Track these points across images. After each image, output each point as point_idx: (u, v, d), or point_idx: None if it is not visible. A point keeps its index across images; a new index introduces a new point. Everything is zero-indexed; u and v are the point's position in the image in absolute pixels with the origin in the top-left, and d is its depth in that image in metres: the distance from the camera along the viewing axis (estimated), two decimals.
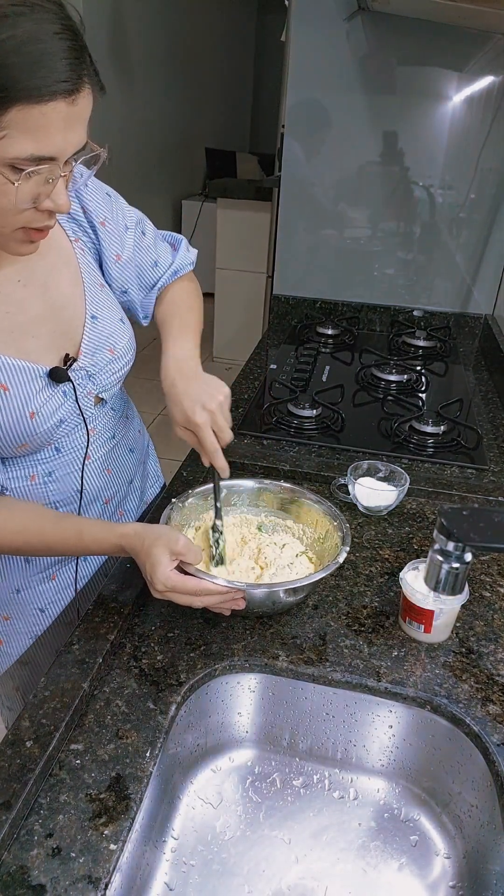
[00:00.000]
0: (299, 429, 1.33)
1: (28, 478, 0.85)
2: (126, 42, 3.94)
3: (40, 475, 0.86)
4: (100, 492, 0.94)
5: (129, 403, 1.06)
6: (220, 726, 0.83)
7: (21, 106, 0.56)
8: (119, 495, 0.99)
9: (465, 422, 1.38)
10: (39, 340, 0.80)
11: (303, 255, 2.05)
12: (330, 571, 0.80)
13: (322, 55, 1.76)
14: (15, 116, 0.57)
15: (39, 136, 0.59)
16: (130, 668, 0.78)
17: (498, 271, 1.95)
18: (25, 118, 0.57)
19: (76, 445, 0.88)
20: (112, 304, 0.91)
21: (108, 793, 0.64)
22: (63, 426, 0.84)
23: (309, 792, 0.80)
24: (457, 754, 0.75)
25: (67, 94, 0.58)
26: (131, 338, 0.93)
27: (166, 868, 0.72)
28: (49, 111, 0.58)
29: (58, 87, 0.57)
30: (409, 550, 1.01)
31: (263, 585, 0.81)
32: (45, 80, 0.57)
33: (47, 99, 0.57)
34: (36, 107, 0.57)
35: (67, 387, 0.83)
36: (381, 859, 0.74)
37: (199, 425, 0.82)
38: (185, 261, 1.03)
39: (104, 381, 0.88)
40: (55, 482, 0.87)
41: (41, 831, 0.61)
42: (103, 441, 0.92)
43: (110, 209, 0.90)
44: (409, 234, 1.97)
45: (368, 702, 0.79)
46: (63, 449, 0.86)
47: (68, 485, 0.89)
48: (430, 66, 1.73)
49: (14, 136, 0.58)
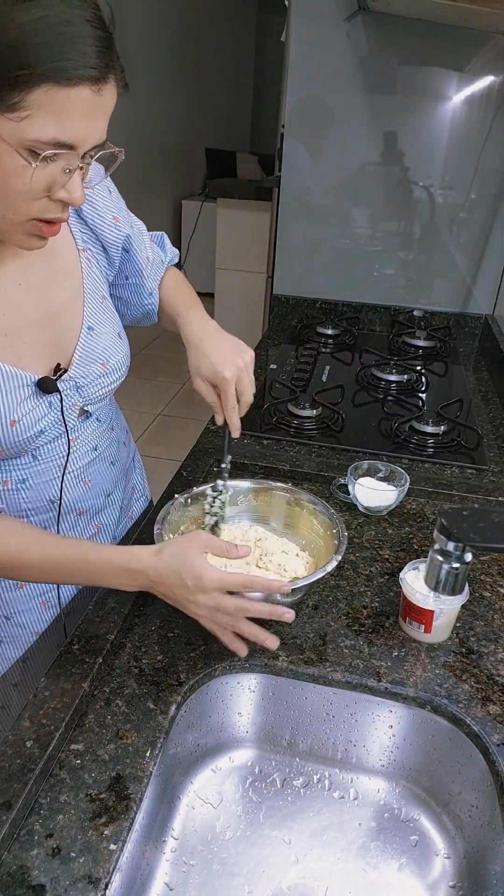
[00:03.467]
0: (299, 429, 1.33)
1: (0, 483, 0.83)
2: (127, 42, 3.93)
3: (13, 481, 0.84)
4: (74, 503, 0.91)
5: (117, 415, 1.04)
6: (220, 726, 0.83)
7: (48, 86, 0.56)
8: (94, 508, 0.96)
9: (465, 422, 1.38)
10: (32, 346, 0.79)
11: (303, 255, 2.05)
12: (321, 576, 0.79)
13: (322, 55, 1.76)
14: (40, 97, 0.56)
15: (62, 119, 0.58)
16: (131, 668, 0.78)
17: (498, 271, 1.95)
18: (50, 99, 0.57)
19: (55, 455, 0.85)
20: (111, 318, 0.90)
21: (109, 793, 0.64)
22: (43, 436, 0.82)
23: (309, 792, 0.80)
24: (457, 754, 0.75)
25: (94, 81, 0.58)
26: (126, 354, 0.92)
27: (166, 868, 0.72)
28: (74, 95, 0.58)
29: (85, 72, 0.57)
30: (410, 550, 1.01)
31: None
32: (74, 63, 0.56)
33: (75, 82, 0.57)
34: (63, 89, 0.57)
35: (54, 397, 0.81)
36: (381, 859, 0.74)
37: (226, 379, 0.85)
38: (173, 253, 1.08)
39: (92, 394, 0.87)
40: (28, 490, 0.85)
41: (41, 831, 0.61)
42: (83, 452, 0.90)
43: (128, 216, 0.93)
44: (409, 234, 1.97)
45: (368, 702, 0.79)
46: (40, 457, 0.84)
47: (41, 493, 0.86)
48: (431, 66, 1.74)
49: (37, 116, 0.57)
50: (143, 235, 0.97)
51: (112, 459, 0.98)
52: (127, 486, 1.07)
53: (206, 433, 1.30)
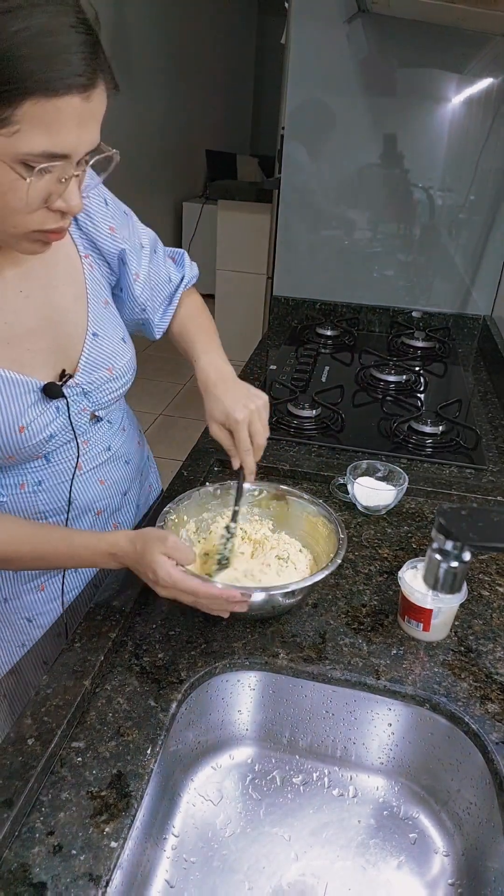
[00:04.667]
0: (299, 429, 1.33)
1: (17, 486, 0.84)
2: (127, 44, 3.94)
3: (30, 484, 0.85)
4: (92, 503, 0.93)
5: (129, 415, 1.05)
6: (220, 724, 0.84)
7: (35, 99, 0.55)
8: (112, 507, 0.98)
9: (463, 422, 1.38)
10: (35, 353, 0.79)
11: (303, 256, 2.05)
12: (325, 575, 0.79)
13: (322, 57, 1.77)
14: (28, 110, 0.56)
15: (53, 131, 0.58)
16: (132, 666, 0.78)
17: (497, 272, 1.95)
18: (39, 112, 0.56)
19: (67, 457, 0.87)
20: (115, 323, 0.90)
21: (110, 790, 0.64)
22: (53, 440, 0.83)
23: (309, 789, 0.81)
24: (455, 752, 0.76)
25: (82, 88, 0.57)
26: (131, 358, 0.92)
27: (167, 865, 0.72)
28: (63, 105, 0.57)
29: (73, 81, 0.56)
30: (408, 549, 1.01)
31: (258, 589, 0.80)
32: (60, 73, 0.55)
33: (62, 92, 0.56)
34: (50, 101, 0.56)
35: (61, 403, 0.81)
36: (380, 857, 0.74)
37: (238, 421, 0.86)
38: (192, 273, 1.06)
39: (100, 399, 0.87)
40: (45, 492, 0.86)
41: (42, 829, 0.61)
42: (97, 453, 0.91)
43: (128, 228, 0.91)
44: (408, 236, 1.97)
45: (368, 700, 0.79)
46: (53, 460, 0.85)
47: (58, 495, 0.88)
48: (430, 68, 1.74)
49: (27, 130, 0.57)
50: (144, 250, 0.95)
51: (126, 459, 0.99)
52: (143, 486, 1.08)
53: (207, 433, 1.30)
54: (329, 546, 0.87)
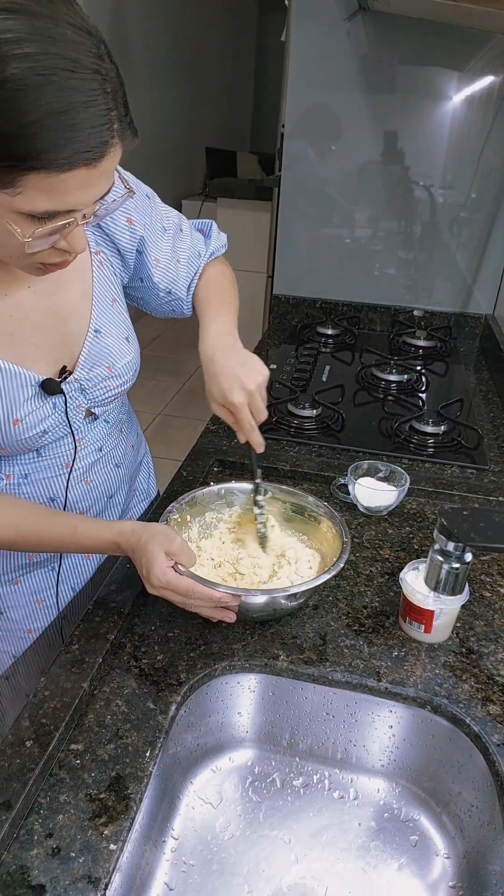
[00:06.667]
0: (299, 429, 1.33)
1: (3, 476, 0.84)
2: (127, 41, 3.94)
3: (16, 476, 0.85)
4: (74, 503, 0.92)
5: (130, 418, 1.04)
6: (220, 726, 0.83)
7: (39, 174, 0.55)
8: (95, 509, 0.96)
9: (465, 422, 1.38)
10: (38, 348, 0.79)
11: (303, 254, 2.05)
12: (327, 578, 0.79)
13: (322, 55, 1.76)
14: (32, 179, 0.55)
15: (55, 196, 0.58)
16: (130, 668, 0.78)
17: (498, 271, 1.94)
18: (42, 182, 0.56)
19: (59, 453, 0.86)
20: (120, 321, 0.89)
21: (108, 793, 0.64)
22: (47, 436, 0.82)
23: (309, 792, 0.80)
24: (457, 754, 0.75)
25: (88, 161, 0.57)
26: (134, 359, 0.91)
27: (166, 868, 0.72)
28: (67, 178, 0.56)
29: (78, 158, 0.56)
30: (410, 550, 1.01)
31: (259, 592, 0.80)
32: (66, 153, 0.55)
33: (66, 168, 0.56)
34: (56, 174, 0.56)
35: (58, 399, 0.81)
36: (381, 859, 0.74)
37: (236, 406, 0.84)
38: (219, 244, 1.04)
39: (97, 396, 0.86)
40: (29, 485, 0.86)
41: (41, 831, 0.61)
42: (88, 453, 0.90)
43: (149, 213, 0.90)
44: (409, 234, 1.97)
45: (368, 702, 0.79)
46: (44, 454, 0.85)
47: (42, 490, 0.87)
48: (431, 66, 1.73)
49: (29, 194, 0.57)
50: (168, 232, 0.94)
51: (117, 462, 0.98)
52: (130, 489, 1.07)
53: (206, 433, 1.30)
54: (334, 548, 0.86)
